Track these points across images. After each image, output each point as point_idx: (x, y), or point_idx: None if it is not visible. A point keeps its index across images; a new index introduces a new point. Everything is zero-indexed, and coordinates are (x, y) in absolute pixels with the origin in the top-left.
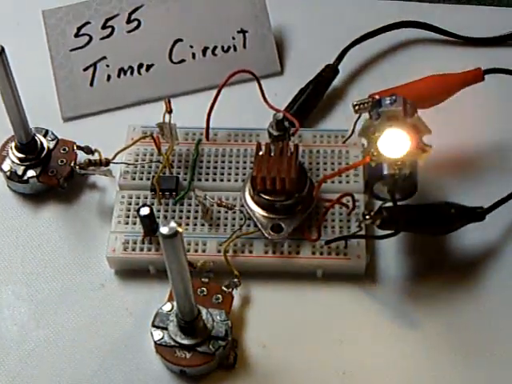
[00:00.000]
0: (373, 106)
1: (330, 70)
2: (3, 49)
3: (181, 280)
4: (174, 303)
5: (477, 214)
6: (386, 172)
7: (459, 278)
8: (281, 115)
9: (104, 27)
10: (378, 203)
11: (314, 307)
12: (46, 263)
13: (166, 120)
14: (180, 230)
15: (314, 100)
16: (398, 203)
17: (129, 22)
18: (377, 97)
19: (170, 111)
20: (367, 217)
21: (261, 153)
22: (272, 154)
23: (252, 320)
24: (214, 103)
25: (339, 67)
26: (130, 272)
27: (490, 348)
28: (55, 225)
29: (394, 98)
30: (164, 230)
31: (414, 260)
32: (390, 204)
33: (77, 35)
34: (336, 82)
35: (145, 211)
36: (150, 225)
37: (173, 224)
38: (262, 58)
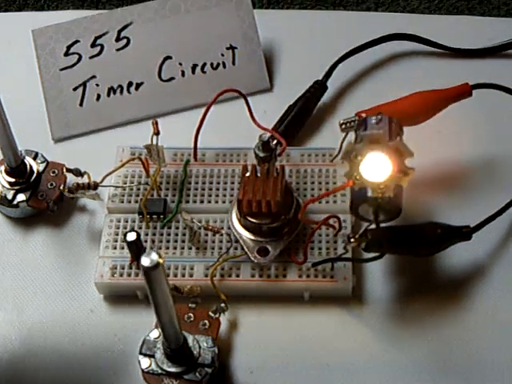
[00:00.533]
0: (359, 125)
1: (319, 87)
2: None
3: (165, 311)
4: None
5: (463, 234)
6: (369, 195)
7: (446, 299)
8: (266, 136)
9: (93, 45)
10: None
11: (301, 331)
12: (36, 289)
13: (154, 142)
14: (161, 261)
15: (303, 117)
16: (384, 225)
17: (118, 39)
18: (363, 115)
19: (157, 133)
20: (352, 240)
21: (247, 174)
22: (259, 175)
23: (239, 345)
24: (201, 123)
25: (328, 83)
26: (119, 297)
27: (479, 371)
28: (45, 249)
29: (379, 117)
30: (145, 261)
31: (401, 281)
32: (374, 226)
33: (66, 54)
34: (325, 98)
35: (131, 237)
36: (137, 250)
37: (154, 255)
38: (251, 74)
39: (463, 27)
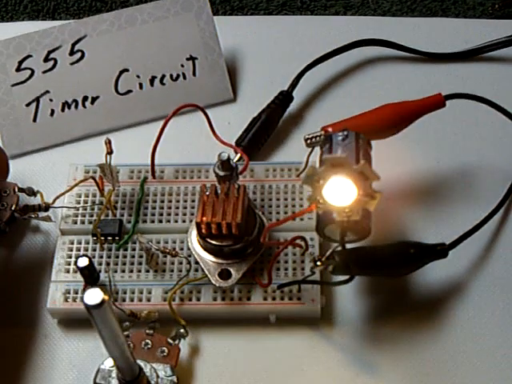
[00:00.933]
0: (324, 141)
1: (284, 97)
2: None
3: (115, 345)
4: None
5: (439, 252)
6: (335, 216)
7: (422, 319)
8: (226, 155)
9: (46, 60)
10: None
11: (268, 355)
12: None
13: (108, 161)
14: (106, 297)
15: (267, 130)
16: (351, 246)
17: (72, 53)
18: (330, 130)
19: (110, 152)
20: (318, 263)
21: (207, 193)
22: (219, 194)
23: (201, 372)
24: (158, 138)
25: (294, 93)
26: (74, 322)
27: None
28: None
29: (345, 133)
30: (88, 299)
31: (373, 300)
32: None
33: (18, 69)
34: (291, 109)
35: (83, 262)
36: (89, 275)
37: (98, 293)
38: (213, 85)
39: (438, 30)
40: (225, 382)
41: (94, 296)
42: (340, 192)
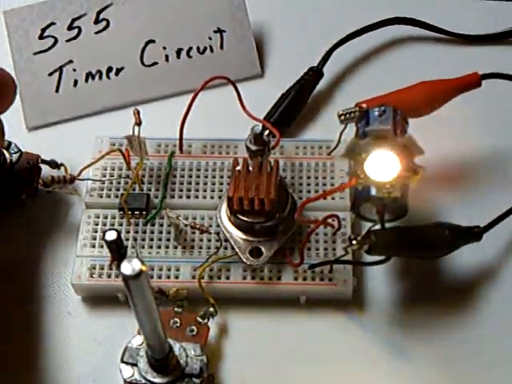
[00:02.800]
0: (359, 117)
1: (314, 73)
2: None
3: (149, 320)
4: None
5: (473, 235)
6: (373, 193)
7: (454, 304)
8: (259, 128)
9: (70, 28)
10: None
11: (297, 336)
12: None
13: (136, 133)
14: (144, 268)
15: (297, 107)
16: (387, 226)
17: (97, 22)
18: (364, 106)
19: (138, 123)
20: (354, 242)
21: (238, 168)
22: (250, 170)
23: (229, 352)
24: (187, 112)
25: (324, 70)
26: (99, 299)
27: (487, 380)
28: (17, 247)
29: (382, 109)
30: (126, 269)
31: (404, 284)
32: (378, 227)
33: (41, 37)
34: (320, 85)
35: (111, 236)
36: (117, 250)
37: (136, 263)
38: (240, 59)
39: (470, 11)
40: (253, 362)
41: (131, 266)
42: (382, 166)
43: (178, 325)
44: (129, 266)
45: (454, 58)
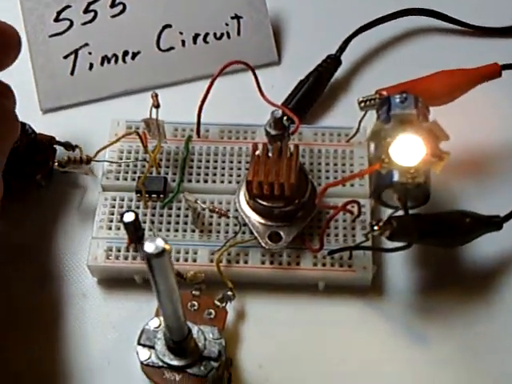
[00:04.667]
0: (381, 104)
1: (332, 61)
2: None
3: (169, 301)
4: (162, 319)
5: (493, 223)
6: (396, 179)
7: (473, 292)
8: (280, 113)
9: (86, 11)
10: (386, 209)
11: (315, 323)
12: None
13: (153, 115)
14: (167, 247)
15: (315, 93)
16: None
17: (113, 5)
18: (384, 93)
19: (157, 106)
20: (375, 227)
21: (257, 153)
22: (270, 155)
23: (247, 337)
24: (205, 96)
25: (342, 57)
26: (114, 281)
27: (506, 366)
28: (32, 228)
29: (404, 95)
30: (149, 247)
31: (424, 272)
32: (400, 213)
33: (56, 20)
34: (338, 73)
35: (129, 217)
36: (135, 231)
37: (159, 241)
38: (257, 46)
39: (489, 4)
40: (270, 347)
41: (154, 245)
42: (407, 151)
43: (196, 308)
44: (152, 245)
45: (472, 50)
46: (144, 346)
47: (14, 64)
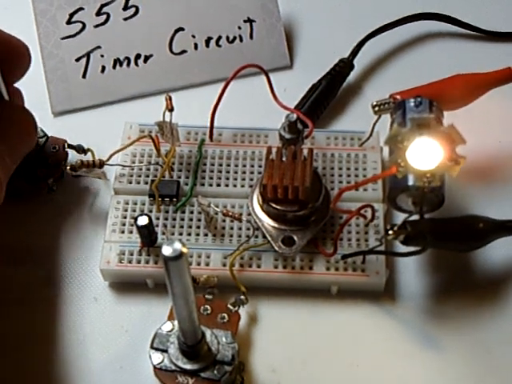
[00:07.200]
0: (395, 108)
1: (345, 65)
2: None
3: (185, 304)
4: (175, 322)
5: (507, 228)
6: (411, 183)
7: (486, 297)
8: (294, 116)
9: (98, 14)
10: (398, 214)
11: (327, 327)
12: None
13: (167, 119)
14: (185, 250)
15: (328, 97)
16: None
17: (126, 8)
18: (398, 97)
19: (170, 109)
20: (390, 232)
21: (271, 157)
22: (284, 159)
23: (260, 341)
24: (219, 100)
25: (354, 62)
26: (126, 285)
27: None
28: (43, 231)
29: (419, 100)
30: (167, 250)
31: (437, 277)
32: (414, 217)
33: (69, 22)
34: (351, 77)
35: (143, 221)
36: (148, 235)
37: (177, 244)
38: (270, 49)
39: (501, 9)
40: (283, 352)
41: (172, 248)
42: (424, 155)
43: (209, 312)
44: (169, 248)
45: (484, 55)
46: (157, 349)
47: None
